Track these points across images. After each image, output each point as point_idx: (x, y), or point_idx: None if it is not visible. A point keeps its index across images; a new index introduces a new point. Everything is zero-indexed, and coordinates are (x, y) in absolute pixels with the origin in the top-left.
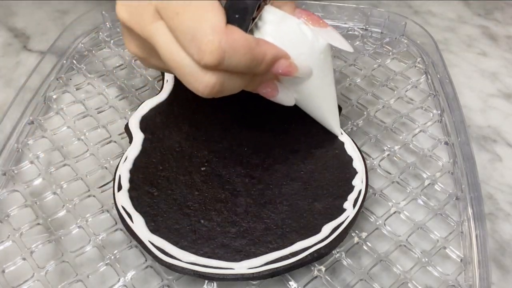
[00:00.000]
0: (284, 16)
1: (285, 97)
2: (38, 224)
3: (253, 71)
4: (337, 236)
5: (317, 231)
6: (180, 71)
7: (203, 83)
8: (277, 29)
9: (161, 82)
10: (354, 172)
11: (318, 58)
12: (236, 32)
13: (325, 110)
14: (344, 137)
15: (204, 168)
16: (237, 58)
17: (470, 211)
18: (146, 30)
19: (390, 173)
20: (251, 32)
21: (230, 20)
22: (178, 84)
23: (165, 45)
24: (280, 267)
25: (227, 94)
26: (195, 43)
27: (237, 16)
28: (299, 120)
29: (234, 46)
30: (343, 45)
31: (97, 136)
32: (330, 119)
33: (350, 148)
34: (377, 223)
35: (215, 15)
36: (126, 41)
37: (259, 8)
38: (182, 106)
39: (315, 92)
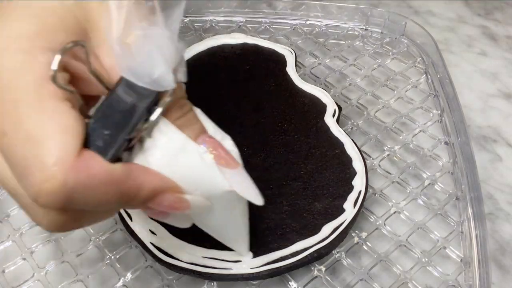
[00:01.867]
0: (184, 142)
1: (176, 221)
2: None
3: (123, 207)
4: (337, 236)
5: (317, 231)
6: (17, 200)
7: (45, 220)
8: (171, 156)
9: None
10: (354, 172)
11: (221, 197)
12: (92, 164)
13: (229, 239)
14: (344, 137)
15: None
16: (94, 197)
17: (470, 211)
18: None
19: (390, 173)
20: (131, 152)
21: (95, 139)
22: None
23: (3, 177)
24: (280, 267)
25: (90, 225)
26: (27, 179)
27: (106, 132)
28: (299, 120)
29: (87, 183)
30: (250, 195)
31: None
32: (234, 246)
33: (350, 148)
34: (377, 223)
35: (61, 141)
36: None
37: (146, 121)
38: None
39: (216, 226)
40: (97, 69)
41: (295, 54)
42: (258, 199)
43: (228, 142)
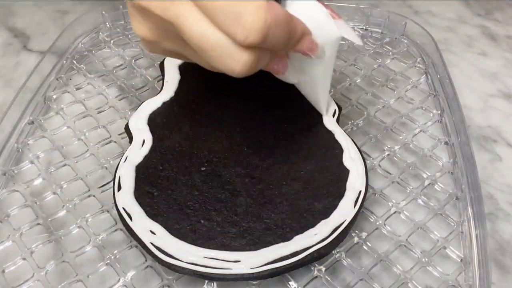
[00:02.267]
0: (310, 1)
1: (291, 76)
2: (38, 224)
3: (286, 47)
4: (337, 236)
5: (317, 231)
6: (214, 53)
7: (241, 62)
8: (303, 7)
9: (161, 82)
10: (354, 172)
11: (332, 44)
12: (276, 7)
13: (321, 93)
14: (344, 137)
15: (204, 168)
16: (279, 34)
17: (470, 211)
18: (169, 11)
19: (390, 173)
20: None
21: None
22: (178, 84)
23: (196, 26)
24: (280, 267)
25: (256, 70)
26: (239, 21)
27: None
28: (299, 120)
29: (277, 21)
30: (354, 38)
31: (97, 136)
32: (322, 102)
33: (350, 148)
34: (377, 223)
35: None
36: (136, 23)
37: None
38: (182, 106)
39: (319, 76)
40: None
41: None
42: (358, 40)
43: None
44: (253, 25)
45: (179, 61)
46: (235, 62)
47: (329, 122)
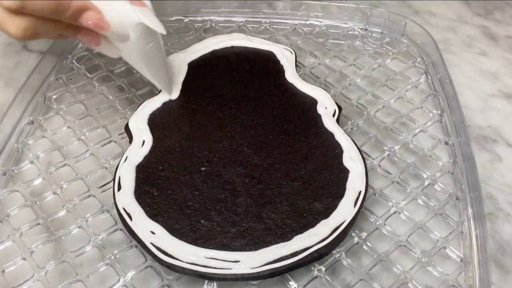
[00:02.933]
0: None
1: (108, 50)
2: (38, 224)
3: (60, 17)
4: (337, 236)
5: (317, 231)
6: None
7: (14, 25)
8: None
9: None
10: (353, 172)
11: (134, 28)
12: None
13: (150, 75)
14: (344, 137)
15: (204, 168)
16: (40, 3)
17: (470, 211)
18: None
19: (390, 173)
20: None
21: None
22: (179, 85)
23: None
24: (280, 267)
25: (44, 37)
26: None
27: None
28: (299, 120)
29: None
30: (157, 26)
31: (97, 136)
32: (157, 83)
33: (350, 148)
34: (377, 223)
35: None
36: None
37: None
38: (183, 106)
39: (136, 58)
40: None
41: (295, 54)
42: (161, 28)
43: None
44: None
45: (179, 61)
46: (9, 26)
47: (329, 122)
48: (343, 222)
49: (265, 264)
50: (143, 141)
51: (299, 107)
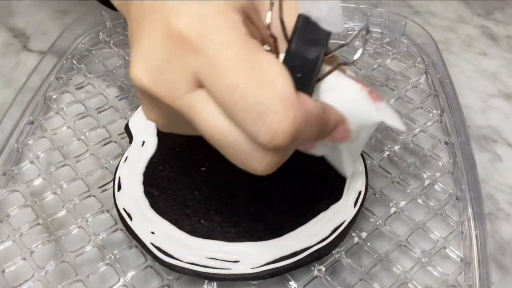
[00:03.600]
0: (346, 81)
1: (318, 151)
2: (38, 224)
3: (316, 139)
4: (337, 236)
5: (317, 230)
6: (232, 151)
7: (263, 163)
8: (340, 94)
9: None
10: (354, 172)
11: (369, 128)
12: (307, 101)
13: (348, 166)
14: None
15: (204, 168)
16: (309, 131)
17: (470, 211)
18: (179, 101)
19: (390, 173)
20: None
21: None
22: None
23: (210, 121)
24: (280, 267)
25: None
26: (263, 121)
27: (299, 75)
28: None
29: (308, 120)
30: (396, 122)
31: (97, 136)
32: (346, 169)
33: None
34: (377, 223)
35: (284, 80)
36: (146, 109)
37: (321, 64)
38: None
39: (348, 154)
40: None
41: None
42: (401, 126)
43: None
44: (279, 126)
45: None
46: (256, 162)
47: None
48: (343, 222)
49: (265, 264)
50: (143, 141)
51: None
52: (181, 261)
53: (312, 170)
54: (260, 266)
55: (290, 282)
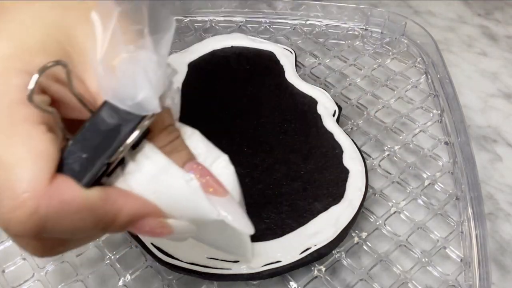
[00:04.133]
0: (169, 167)
1: (184, 234)
2: None
3: (102, 233)
4: (337, 236)
5: (317, 230)
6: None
7: (30, 247)
8: (154, 181)
9: None
10: (353, 172)
11: (211, 224)
12: (65, 190)
13: (230, 251)
14: (344, 137)
15: None
16: (68, 224)
17: (470, 211)
18: None
19: (390, 173)
20: (110, 176)
21: (72, 162)
22: (179, 85)
23: None
24: (280, 267)
25: (76, 248)
26: None
27: (84, 156)
28: (299, 120)
29: (60, 210)
30: (240, 224)
31: None
32: (237, 256)
33: (350, 148)
34: (377, 223)
35: (33, 166)
36: None
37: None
38: (182, 106)
39: (213, 243)
40: (81, 93)
41: (295, 54)
42: (248, 228)
43: (222, 162)
44: (12, 216)
45: (179, 61)
46: (24, 245)
47: (329, 122)
48: (343, 222)
49: (265, 264)
50: None
51: (299, 107)
52: (181, 261)
53: (312, 170)
54: (260, 266)
55: (290, 282)
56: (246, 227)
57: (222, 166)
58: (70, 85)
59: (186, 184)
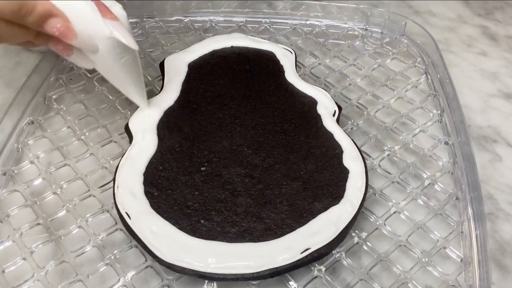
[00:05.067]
0: None
1: (80, 60)
2: (38, 224)
3: (24, 22)
4: (337, 236)
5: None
6: None
7: None
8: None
9: (161, 82)
10: (353, 172)
11: (106, 42)
12: None
13: (124, 88)
14: (344, 137)
15: (204, 168)
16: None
17: (470, 211)
18: None
19: (390, 173)
20: None
21: None
22: (179, 85)
23: None
24: (280, 267)
25: (10, 42)
26: None
27: None
28: (299, 120)
29: None
30: (128, 40)
31: (97, 136)
32: (132, 97)
33: (350, 148)
34: (377, 223)
35: None
36: None
37: None
38: (183, 106)
39: (111, 70)
40: None
41: (295, 54)
42: (133, 44)
43: (116, 8)
44: None
45: (179, 61)
46: None
47: (329, 122)
48: (343, 222)
49: (265, 265)
50: (143, 142)
51: (299, 107)
52: (181, 261)
53: (312, 170)
54: (260, 266)
55: (290, 282)
56: (131, 43)
57: (117, 9)
58: None
59: (88, 6)
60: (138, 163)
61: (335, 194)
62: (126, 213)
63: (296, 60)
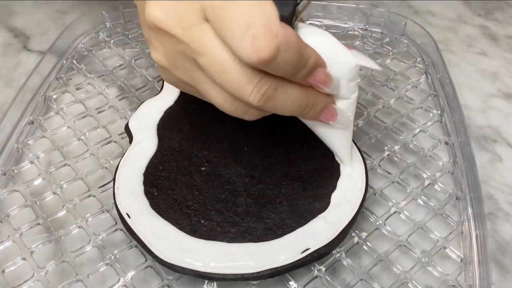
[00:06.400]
0: (318, 29)
1: (342, 119)
2: (38, 224)
3: (295, 76)
4: (337, 236)
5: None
6: (226, 77)
7: (252, 86)
8: (315, 37)
9: (161, 82)
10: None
11: (347, 75)
12: (288, 27)
13: (339, 136)
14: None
15: (204, 168)
16: (289, 55)
17: (470, 211)
18: (188, 33)
19: (390, 173)
20: None
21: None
22: None
23: (213, 49)
24: (280, 267)
25: (279, 109)
26: (249, 35)
27: (283, 10)
28: (299, 120)
29: (288, 40)
30: (371, 64)
31: (97, 136)
32: (341, 151)
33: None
34: (377, 223)
35: (271, 6)
36: (153, 47)
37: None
38: (183, 106)
39: (341, 132)
40: None
41: None
42: (377, 66)
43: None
44: (263, 37)
45: None
46: (248, 87)
47: None
48: (343, 222)
49: (265, 265)
50: (143, 142)
51: None
52: (181, 261)
53: (312, 170)
54: (260, 266)
55: (290, 282)
56: (374, 65)
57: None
58: None
59: (333, 38)
60: (138, 163)
61: (334, 195)
62: (126, 213)
63: None
